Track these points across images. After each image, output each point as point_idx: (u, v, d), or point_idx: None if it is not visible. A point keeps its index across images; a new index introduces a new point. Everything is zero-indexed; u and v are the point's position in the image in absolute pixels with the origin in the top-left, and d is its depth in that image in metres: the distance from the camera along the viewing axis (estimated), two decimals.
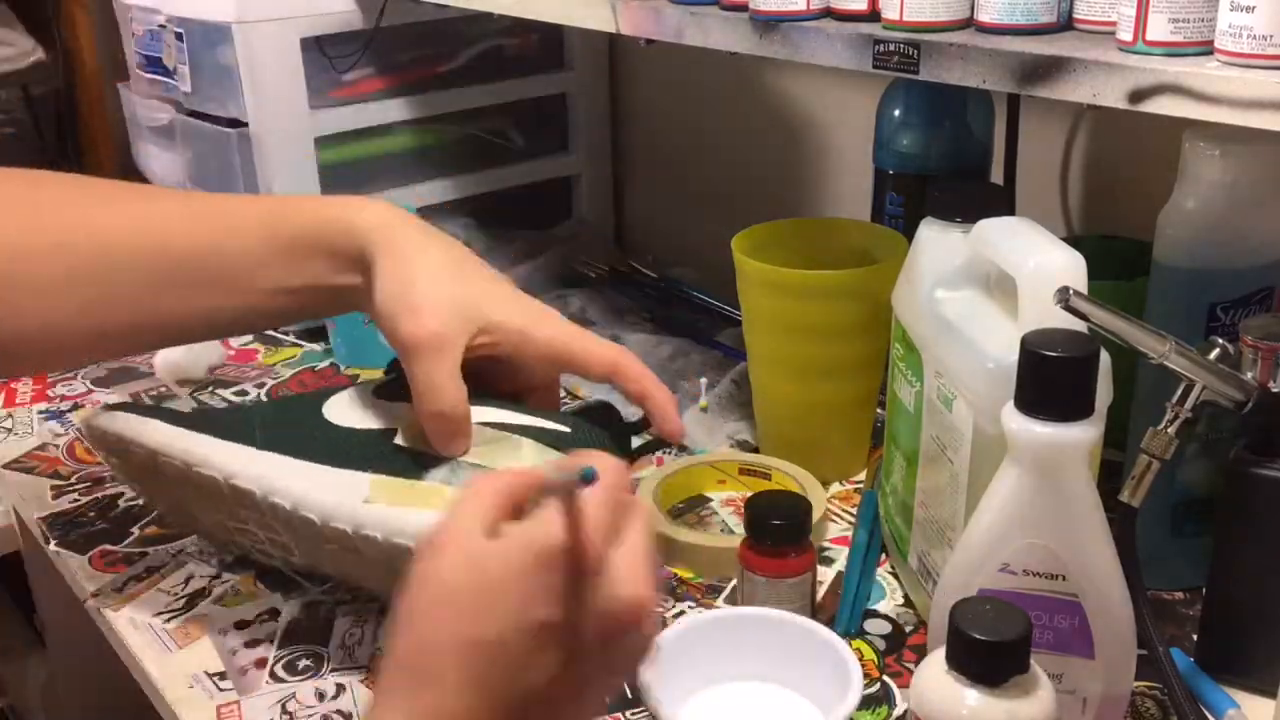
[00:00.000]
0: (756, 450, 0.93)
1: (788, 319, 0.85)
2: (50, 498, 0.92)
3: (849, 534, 0.84)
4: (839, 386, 0.87)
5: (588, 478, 0.46)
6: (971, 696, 0.51)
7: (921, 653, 0.72)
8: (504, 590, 0.46)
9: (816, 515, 0.81)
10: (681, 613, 0.77)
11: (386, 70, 1.20)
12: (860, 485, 0.90)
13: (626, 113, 1.40)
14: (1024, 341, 0.55)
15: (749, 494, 0.80)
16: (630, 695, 0.70)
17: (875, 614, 0.77)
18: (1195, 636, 0.71)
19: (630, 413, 0.73)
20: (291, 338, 1.19)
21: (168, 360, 1.09)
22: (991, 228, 0.66)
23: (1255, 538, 0.65)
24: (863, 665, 0.64)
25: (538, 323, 0.68)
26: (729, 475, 0.89)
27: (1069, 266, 0.60)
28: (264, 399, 1.07)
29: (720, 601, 0.78)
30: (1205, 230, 0.70)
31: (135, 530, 0.88)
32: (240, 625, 0.77)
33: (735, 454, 0.91)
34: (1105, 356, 0.58)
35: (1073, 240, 0.64)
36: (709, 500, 0.89)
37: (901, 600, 0.78)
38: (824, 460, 0.90)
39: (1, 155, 1.52)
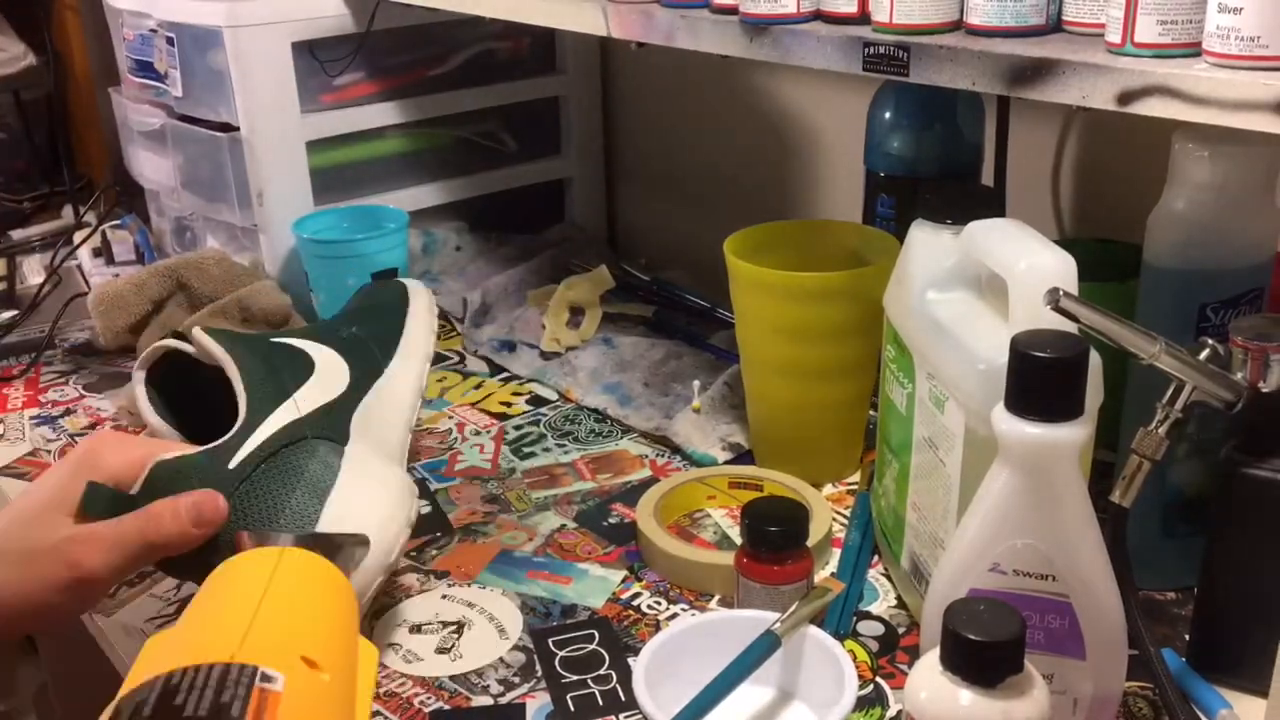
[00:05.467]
0: (749, 453, 0.94)
1: (780, 321, 0.85)
2: None
3: (841, 535, 0.84)
4: (831, 388, 0.87)
5: None
6: (966, 697, 0.51)
7: (914, 654, 0.72)
8: None
9: (820, 525, 0.81)
10: (674, 615, 0.77)
11: (378, 74, 1.20)
12: (854, 487, 0.90)
13: (618, 116, 1.40)
14: (1014, 342, 0.55)
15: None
16: (623, 698, 0.70)
17: (868, 615, 0.77)
18: (1187, 636, 0.71)
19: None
20: None
21: None
22: (982, 229, 0.66)
23: (1246, 537, 0.66)
24: (856, 667, 0.64)
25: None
26: (719, 490, 0.89)
27: (1059, 268, 0.60)
28: None
29: (713, 604, 0.78)
30: (1195, 231, 0.70)
31: None
32: None
33: (724, 469, 0.91)
34: (1096, 357, 0.59)
35: (1067, 243, 0.64)
36: (709, 515, 0.89)
37: (894, 602, 0.78)
38: (817, 462, 0.90)
39: None
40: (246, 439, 0.69)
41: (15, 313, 1.27)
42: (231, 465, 0.67)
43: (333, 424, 0.74)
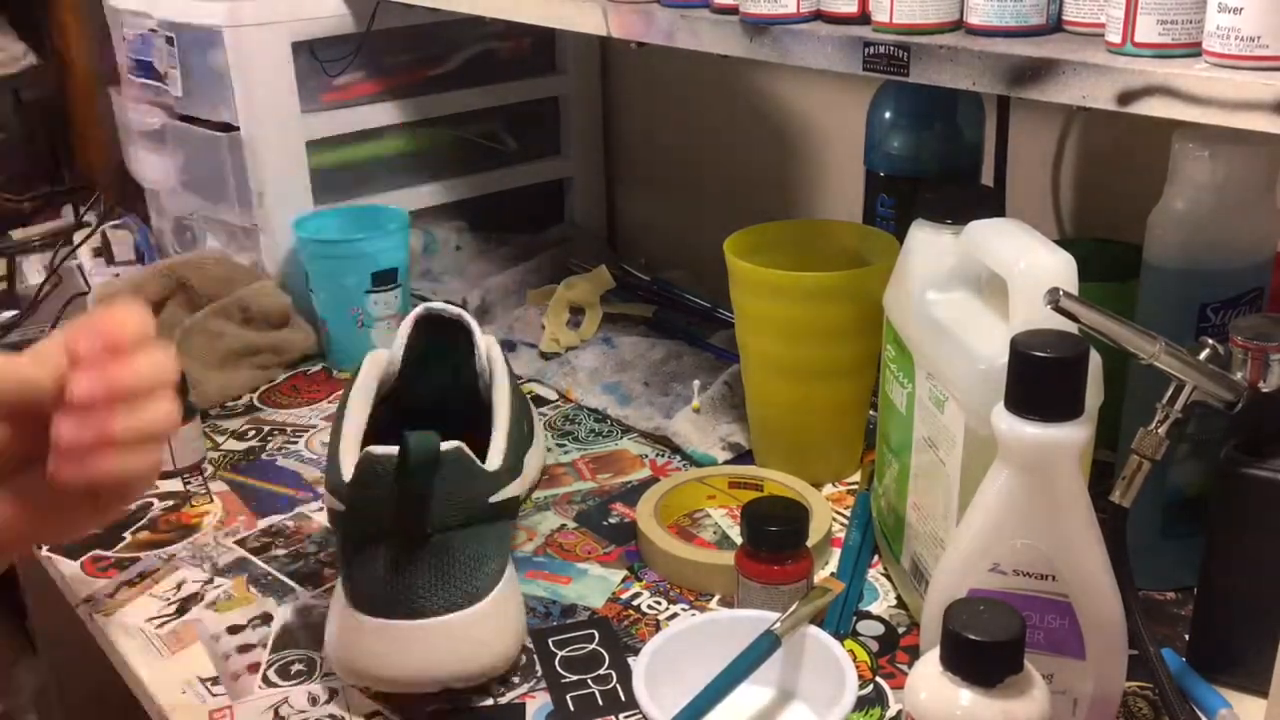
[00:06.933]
0: (749, 452, 0.93)
1: (780, 321, 0.85)
2: None
3: (841, 535, 0.84)
4: (832, 388, 0.87)
5: None
6: (966, 697, 0.51)
7: (914, 654, 0.72)
8: None
9: (820, 525, 0.81)
10: (674, 615, 0.77)
11: (378, 74, 1.20)
12: (854, 487, 0.90)
13: (618, 115, 1.40)
14: (1013, 342, 0.55)
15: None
16: (623, 698, 0.70)
17: (868, 615, 0.77)
18: (1187, 636, 0.71)
19: None
20: None
21: None
22: (982, 229, 0.66)
23: (1246, 538, 0.66)
24: (856, 667, 0.64)
25: None
26: (719, 490, 0.89)
27: (1059, 267, 0.60)
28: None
29: (713, 604, 0.78)
30: (1195, 231, 0.70)
31: (127, 536, 0.87)
32: (233, 630, 0.77)
33: (724, 469, 0.91)
34: (1096, 357, 0.59)
35: (1067, 243, 0.64)
36: (709, 515, 0.89)
37: (894, 602, 0.78)
38: (817, 462, 0.90)
39: None
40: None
41: (15, 313, 1.27)
42: (492, 500, 0.72)
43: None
